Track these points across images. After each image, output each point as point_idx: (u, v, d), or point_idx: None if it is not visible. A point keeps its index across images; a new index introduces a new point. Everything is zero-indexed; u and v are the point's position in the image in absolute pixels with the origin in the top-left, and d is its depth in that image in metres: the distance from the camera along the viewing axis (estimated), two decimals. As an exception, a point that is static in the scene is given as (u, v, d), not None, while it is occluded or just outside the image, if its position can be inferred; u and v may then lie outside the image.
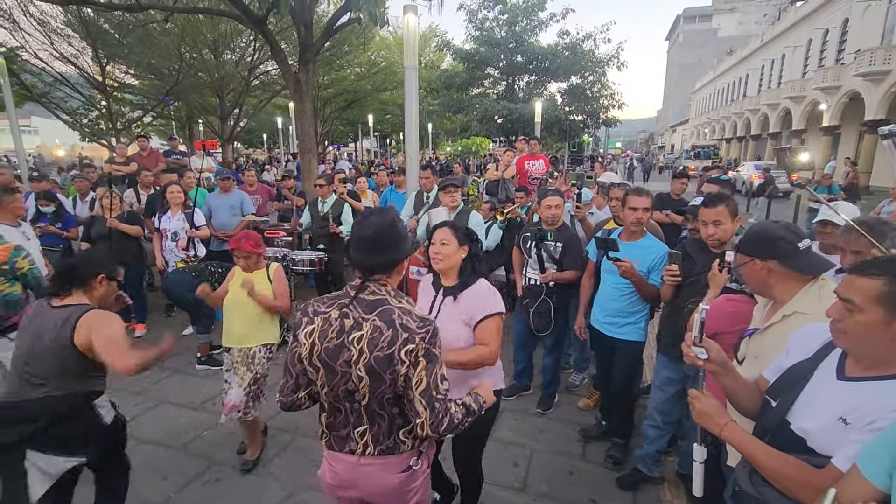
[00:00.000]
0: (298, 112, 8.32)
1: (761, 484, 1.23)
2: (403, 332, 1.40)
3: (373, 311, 1.44)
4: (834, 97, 23.07)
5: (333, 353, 1.45)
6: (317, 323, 1.48)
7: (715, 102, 46.17)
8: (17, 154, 9.65)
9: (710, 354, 1.38)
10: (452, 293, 2.03)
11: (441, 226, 2.08)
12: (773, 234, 1.57)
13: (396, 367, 1.40)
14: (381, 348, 1.40)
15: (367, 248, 1.49)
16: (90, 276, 2.05)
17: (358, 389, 1.45)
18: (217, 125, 19.43)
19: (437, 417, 1.43)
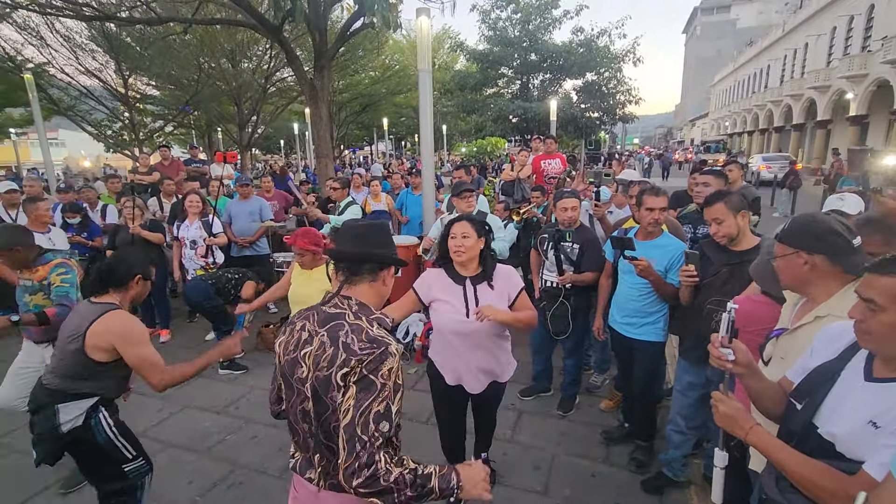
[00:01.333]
0: (314, 117, 8.43)
1: (789, 491, 1.17)
2: (343, 352, 1.21)
3: (325, 325, 1.29)
4: (861, 85, 22.31)
5: (290, 368, 1.33)
6: (286, 334, 1.39)
7: (735, 95, 45.13)
8: (45, 166, 9.99)
9: (738, 356, 1.33)
10: (485, 280, 2.21)
11: (458, 220, 2.21)
12: (827, 227, 1.44)
13: (332, 393, 1.22)
14: (321, 367, 1.23)
15: (356, 239, 1.39)
16: (129, 278, 2.14)
17: (308, 413, 1.30)
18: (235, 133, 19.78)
19: (354, 463, 1.13)
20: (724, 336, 1.35)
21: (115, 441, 2.10)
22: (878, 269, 1.09)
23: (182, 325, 5.40)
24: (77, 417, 2.02)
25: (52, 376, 2.04)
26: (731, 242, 2.33)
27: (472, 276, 2.21)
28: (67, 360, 2.00)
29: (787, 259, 1.49)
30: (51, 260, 2.86)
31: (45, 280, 2.79)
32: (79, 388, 2.02)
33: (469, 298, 2.19)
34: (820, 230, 1.45)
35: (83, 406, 2.04)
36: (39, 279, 2.79)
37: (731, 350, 1.33)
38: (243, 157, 19.89)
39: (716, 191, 2.52)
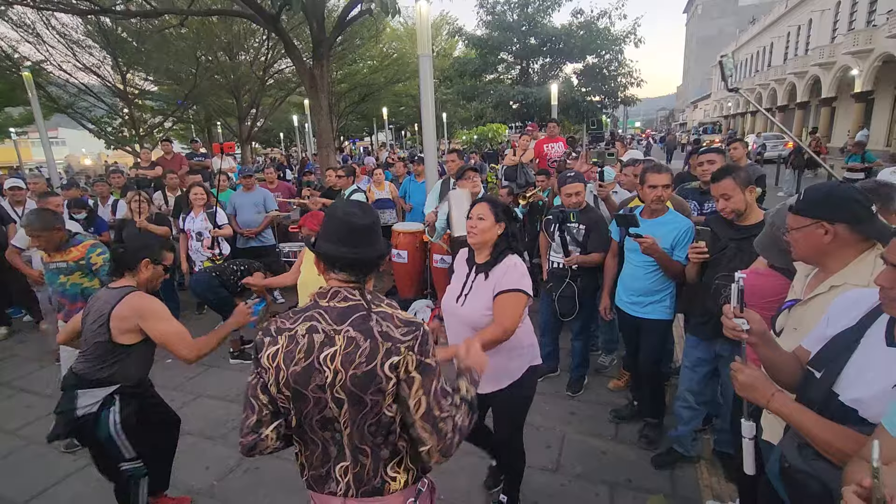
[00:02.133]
0: (314, 108, 8.39)
1: (813, 458, 1.16)
2: (385, 341, 1.17)
3: (345, 320, 1.21)
4: (866, 61, 21.98)
5: (303, 377, 1.20)
6: (281, 343, 1.24)
7: (738, 74, 44.54)
8: (48, 165, 10.01)
9: (752, 325, 1.32)
10: (484, 270, 2.05)
11: (480, 201, 2.10)
12: (847, 196, 1.41)
13: (381, 385, 1.17)
14: (358, 364, 1.16)
15: (358, 238, 1.26)
16: (136, 261, 2.19)
17: (338, 417, 1.22)
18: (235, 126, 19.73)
19: (445, 441, 1.21)
20: (737, 306, 1.34)
21: (116, 439, 2.15)
22: None
23: (192, 317, 5.45)
24: (93, 405, 2.09)
25: (78, 360, 2.13)
26: (738, 217, 2.33)
27: (480, 263, 2.07)
28: (91, 345, 2.07)
29: (805, 231, 1.45)
30: (81, 241, 3.01)
31: (82, 260, 2.97)
32: (100, 374, 2.08)
33: (466, 285, 2.09)
34: (842, 198, 1.42)
35: (100, 395, 2.10)
36: (75, 259, 2.97)
37: (745, 320, 1.33)
38: (243, 151, 19.86)
39: (723, 166, 2.51)
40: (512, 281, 1.97)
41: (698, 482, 2.63)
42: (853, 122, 22.71)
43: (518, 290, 1.97)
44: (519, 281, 1.98)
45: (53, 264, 2.98)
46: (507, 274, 1.99)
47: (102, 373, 2.09)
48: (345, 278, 1.27)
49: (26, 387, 4.00)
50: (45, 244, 2.91)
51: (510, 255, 2.05)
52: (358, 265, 1.26)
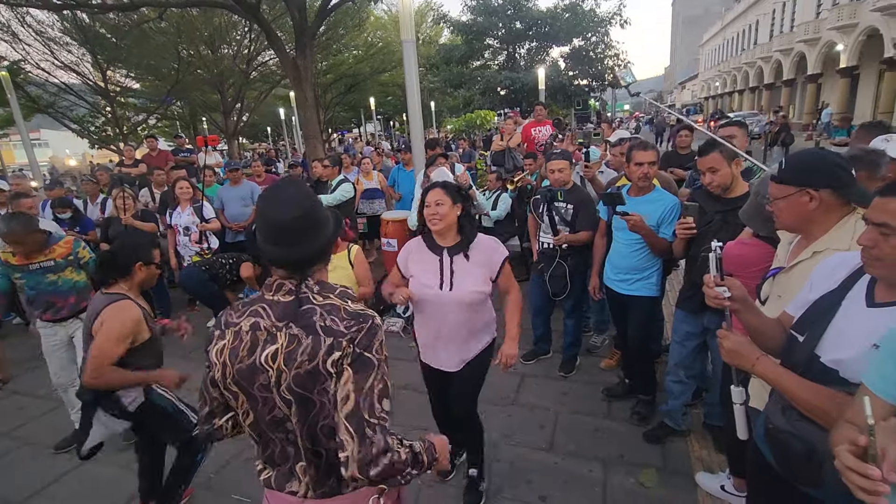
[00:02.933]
0: (299, 100, 8.31)
1: (797, 419, 1.19)
2: (327, 336, 1.08)
3: (288, 315, 1.12)
4: (850, 36, 22.03)
5: (247, 376, 1.14)
6: (227, 338, 1.17)
7: (725, 54, 44.52)
8: (30, 167, 9.86)
9: (733, 292, 1.34)
10: (461, 251, 2.09)
11: (432, 187, 2.10)
12: (830, 161, 1.42)
13: (325, 384, 1.09)
14: (300, 363, 1.08)
15: (290, 236, 1.14)
16: (130, 265, 2.17)
17: (289, 417, 1.14)
18: (220, 121, 19.49)
19: (367, 450, 1.05)
20: (716, 275, 1.36)
21: (179, 405, 2.31)
22: (889, 192, 1.08)
23: (184, 313, 5.41)
24: (138, 396, 2.19)
25: None
26: (724, 191, 2.35)
27: (450, 247, 2.10)
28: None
29: (790, 199, 1.45)
30: (59, 238, 3.04)
31: (70, 255, 2.99)
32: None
33: (445, 270, 2.09)
34: (825, 165, 1.43)
35: (137, 387, 2.19)
36: (62, 256, 2.98)
37: (726, 287, 1.35)
38: (230, 146, 19.65)
39: (709, 140, 2.53)
40: (502, 251, 2.15)
41: (689, 455, 2.68)
42: (839, 98, 22.82)
43: (508, 257, 2.16)
44: (504, 250, 2.17)
45: (36, 265, 2.93)
46: (494, 249, 2.13)
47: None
48: (286, 274, 1.18)
49: (18, 388, 3.97)
50: (28, 249, 2.87)
51: (479, 234, 2.15)
52: (294, 264, 1.16)
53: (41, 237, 2.92)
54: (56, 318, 3.02)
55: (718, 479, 2.39)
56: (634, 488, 2.47)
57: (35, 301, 3.01)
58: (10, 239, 2.83)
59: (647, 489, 2.46)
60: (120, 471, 2.85)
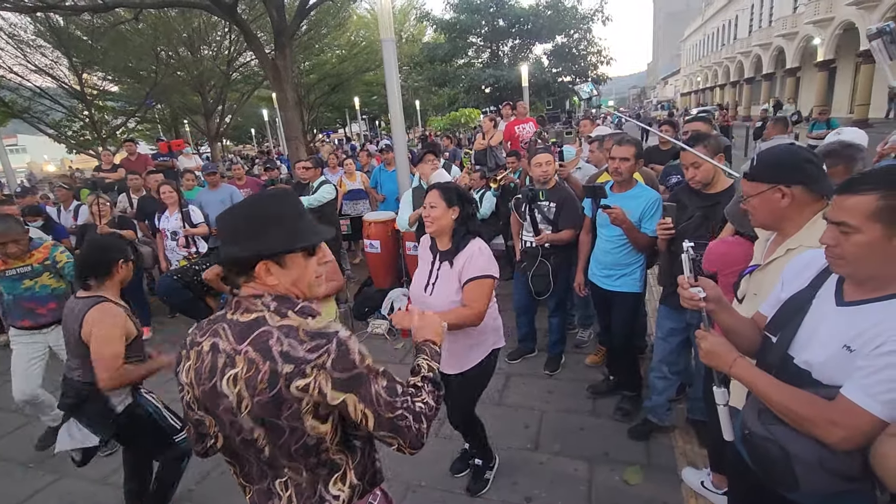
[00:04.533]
0: (280, 100, 8.20)
1: (772, 422, 1.17)
2: (286, 363, 1.00)
3: (246, 338, 1.04)
4: (827, 30, 22.42)
5: (210, 399, 1.09)
6: (192, 358, 1.12)
7: (706, 49, 45.06)
8: (6, 173, 9.60)
9: (707, 292, 1.32)
10: (448, 258, 2.05)
11: (431, 188, 2.07)
12: (800, 157, 1.41)
13: (293, 408, 1.02)
14: (261, 391, 1.01)
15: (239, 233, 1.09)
16: (111, 264, 2.15)
17: (255, 441, 1.09)
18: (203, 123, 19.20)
19: (410, 435, 1.10)
20: (690, 276, 1.34)
21: (164, 412, 2.29)
22: (846, 189, 1.06)
23: (165, 320, 5.31)
24: (126, 397, 2.18)
25: (80, 372, 2.11)
26: (704, 186, 2.35)
27: (443, 251, 2.07)
28: (84, 355, 2.06)
29: (763, 196, 1.44)
30: (40, 244, 3.02)
31: (47, 260, 2.97)
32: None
33: (432, 273, 2.09)
34: (795, 160, 1.41)
35: (126, 389, 2.18)
36: (39, 261, 2.96)
37: (700, 288, 1.32)
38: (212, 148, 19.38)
39: (693, 134, 2.53)
40: (478, 267, 1.98)
41: (673, 450, 2.68)
42: (817, 92, 23.21)
43: (485, 276, 1.98)
44: (485, 267, 1.99)
45: (13, 270, 2.90)
46: (472, 260, 1.98)
47: None
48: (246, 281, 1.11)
49: (-9, 403, 3.86)
50: (17, 251, 2.86)
51: (473, 240, 2.04)
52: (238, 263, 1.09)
53: (26, 241, 2.93)
54: (37, 325, 3.00)
55: (700, 476, 2.40)
56: (619, 486, 2.47)
57: (11, 308, 2.96)
58: (9, 238, 2.80)
59: (632, 486, 2.46)
60: (96, 486, 2.77)
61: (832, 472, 1.06)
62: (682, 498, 2.36)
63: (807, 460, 1.09)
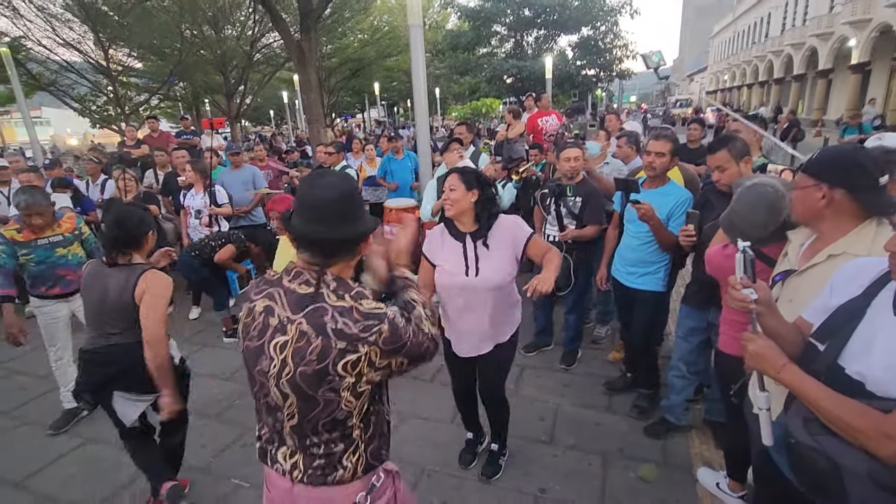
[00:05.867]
0: (303, 83, 8.20)
1: (821, 433, 1.12)
2: (339, 340, 1.06)
3: (301, 309, 1.09)
4: (864, 32, 21.69)
5: (252, 357, 1.16)
6: (244, 312, 1.19)
7: (735, 46, 43.91)
8: (31, 145, 9.78)
9: (760, 294, 1.26)
10: (480, 237, 2.09)
11: (450, 172, 2.11)
12: (853, 161, 1.35)
13: (334, 384, 1.08)
14: (309, 362, 1.07)
15: (328, 215, 1.12)
16: (142, 236, 2.22)
17: (281, 408, 1.14)
18: (223, 103, 19.33)
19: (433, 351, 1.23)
20: (744, 276, 1.28)
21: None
22: None
23: (182, 297, 5.38)
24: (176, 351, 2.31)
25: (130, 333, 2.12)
26: (732, 189, 2.31)
27: (472, 233, 2.11)
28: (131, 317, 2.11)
29: (805, 191, 1.40)
30: (62, 215, 3.15)
31: (76, 230, 3.13)
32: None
33: (469, 256, 2.11)
34: (846, 164, 1.36)
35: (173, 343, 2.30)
36: (70, 230, 3.10)
37: (753, 289, 1.27)
38: (233, 129, 19.52)
39: (721, 137, 2.49)
40: (526, 230, 2.12)
41: (689, 451, 2.67)
42: (849, 95, 22.54)
43: (533, 233, 2.14)
44: (528, 228, 2.14)
45: (45, 240, 3.01)
46: (516, 228, 2.11)
47: None
48: (309, 259, 1.15)
49: (19, 368, 3.98)
50: (44, 223, 2.96)
51: (502, 217, 2.13)
52: (322, 245, 1.13)
53: (53, 211, 3.05)
54: (65, 293, 3.11)
55: (717, 477, 2.39)
56: (634, 483, 2.47)
57: (41, 277, 3.04)
58: (34, 210, 2.89)
59: (646, 484, 2.45)
60: (120, 452, 2.84)
61: (882, 485, 1.03)
62: (696, 498, 2.36)
63: (856, 472, 1.06)
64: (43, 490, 2.63)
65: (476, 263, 2.10)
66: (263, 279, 1.23)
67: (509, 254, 2.10)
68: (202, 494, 2.52)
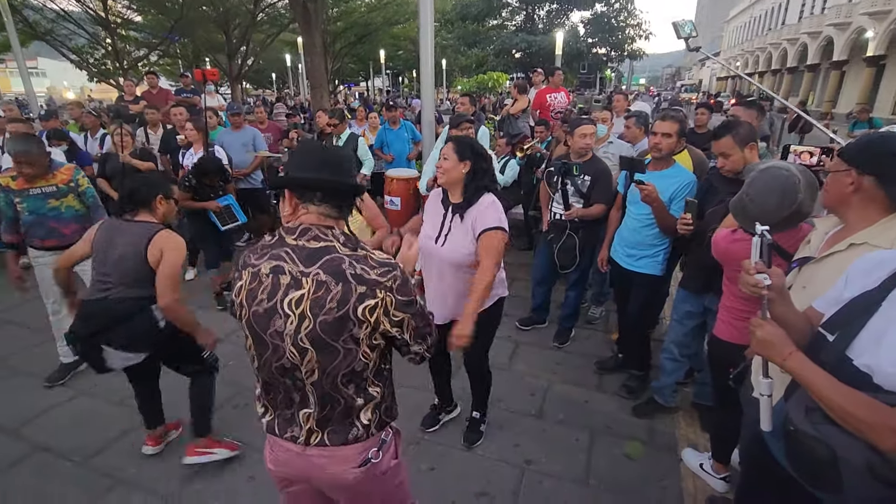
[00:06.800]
0: (307, 45, 7.99)
1: (822, 423, 1.11)
2: (359, 284, 1.10)
3: (315, 261, 1.12)
4: (882, 23, 21.23)
5: (262, 321, 1.15)
6: (245, 279, 1.17)
7: (750, 32, 42.99)
8: (27, 95, 9.53)
9: (773, 280, 1.23)
10: (459, 211, 2.09)
11: (447, 140, 2.11)
12: (886, 148, 1.31)
13: (353, 331, 1.12)
14: (329, 310, 1.09)
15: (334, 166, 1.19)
16: (151, 198, 2.22)
17: (299, 366, 1.16)
18: (225, 63, 18.87)
19: (432, 339, 1.29)
20: (759, 261, 1.25)
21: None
22: None
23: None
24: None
25: (123, 289, 2.15)
26: (736, 175, 2.28)
27: (455, 204, 2.11)
28: (132, 273, 2.13)
29: (836, 176, 1.36)
30: (60, 165, 3.02)
31: (71, 182, 3.00)
32: (153, 292, 2.17)
33: (445, 225, 2.13)
34: (879, 150, 1.32)
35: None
36: (64, 182, 2.98)
37: (767, 275, 1.23)
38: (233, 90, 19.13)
39: (725, 122, 2.43)
40: (492, 219, 2.03)
41: (675, 432, 2.71)
42: (862, 88, 22.22)
43: (498, 228, 2.03)
44: (498, 219, 2.05)
45: (37, 189, 2.93)
46: (485, 213, 2.04)
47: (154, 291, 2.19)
48: (323, 211, 1.17)
49: (12, 319, 3.98)
50: (36, 171, 2.88)
51: (485, 195, 2.08)
52: (338, 193, 1.18)
53: (47, 161, 2.95)
54: (62, 245, 3.01)
55: (701, 458, 2.43)
56: (619, 459, 2.51)
57: (34, 227, 2.99)
58: (25, 159, 2.80)
59: (631, 461, 2.50)
60: (112, 406, 2.88)
61: (880, 477, 1.03)
62: (679, 477, 2.40)
63: (854, 463, 1.06)
64: (36, 438, 2.65)
65: (447, 234, 2.12)
66: (259, 244, 1.22)
67: (470, 233, 2.06)
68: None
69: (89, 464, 2.48)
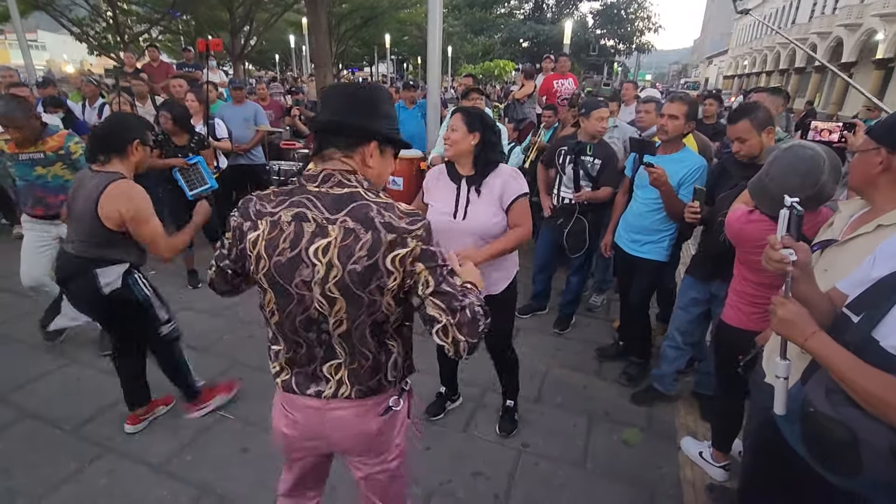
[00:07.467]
0: (312, 24, 7.85)
1: (843, 404, 1.07)
2: (389, 232, 1.04)
3: (342, 208, 1.06)
4: (893, 25, 21.05)
5: (287, 271, 1.09)
6: (262, 228, 1.10)
7: (759, 31, 42.48)
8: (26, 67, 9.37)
9: (799, 255, 1.17)
10: (475, 183, 2.03)
11: (455, 111, 2.04)
12: None
13: (381, 281, 1.07)
14: (358, 259, 1.04)
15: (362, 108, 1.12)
16: (127, 143, 2.08)
17: (327, 317, 1.11)
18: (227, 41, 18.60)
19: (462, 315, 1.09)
20: (786, 235, 1.19)
21: (153, 300, 2.28)
22: None
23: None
24: (116, 280, 2.14)
25: (80, 245, 2.08)
26: (752, 159, 2.22)
27: (468, 177, 2.05)
28: (87, 230, 2.03)
29: (864, 155, 1.31)
30: (54, 131, 2.89)
31: (61, 150, 2.85)
32: (109, 255, 2.10)
33: (461, 199, 2.05)
34: None
35: (119, 270, 2.15)
36: (53, 149, 2.84)
37: (793, 250, 1.17)
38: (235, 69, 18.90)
39: (741, 106, 2.37)
40: (520, 186, 2.04)
41: (675, 420, 2.68)
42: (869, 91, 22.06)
43: (525, 195, 2.05)
44: (524, 186, 2.06)
45: (26, 155, 2.82)
46: (510, 182, 2.02)
47: (113, 254, 2.11)
48: (345, 156, 1.12)
49: (3, 286, 3.92)
50: (24, 135, 2.75)
51: (501, 166, 2.05)
52: (365, 133, 1.13)
53: (38, 125, 2.81)
54: (48, 215, 2.94)
55: (700, 447, 2.40)
56: (617, 445, 2.48)
57: (23, 194, 2.91)
58: (8, 122, 2.68)
59: (629, 447, 2.47)
60: (103, 375, 2.83)
61: None
62: (677, 465, 2.37)
63: (878, 447, 1.02)
64: (26, 405, 2.61)
65: (466, 207, 2.05)
66: (271, 191, 1.15)
67: (497, 202, 2.02)
68: (185, 425, 2.50)
69: (79, 432, 2.44)
